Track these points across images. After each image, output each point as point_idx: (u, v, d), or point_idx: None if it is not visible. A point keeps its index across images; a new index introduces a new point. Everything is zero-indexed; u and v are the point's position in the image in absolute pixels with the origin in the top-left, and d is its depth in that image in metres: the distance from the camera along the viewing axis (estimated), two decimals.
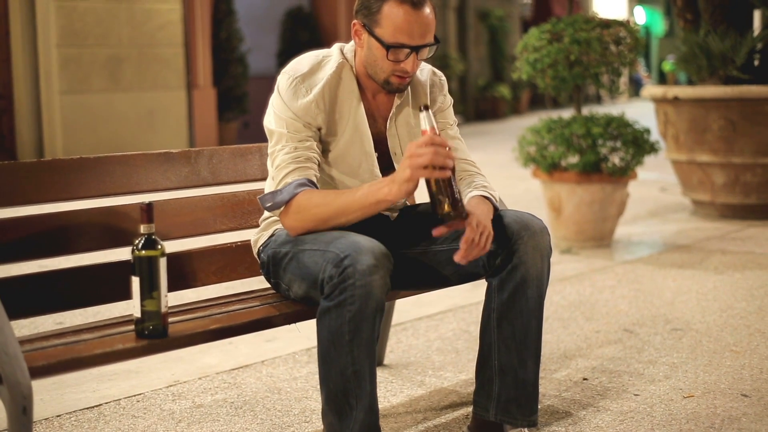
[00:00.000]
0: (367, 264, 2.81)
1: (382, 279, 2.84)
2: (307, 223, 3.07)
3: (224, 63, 15.78)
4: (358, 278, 2.80)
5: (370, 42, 3.18)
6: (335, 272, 2.83)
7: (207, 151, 3.64)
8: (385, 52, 3.13)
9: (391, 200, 2.95)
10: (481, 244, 3.02)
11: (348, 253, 2.84)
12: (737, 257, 6.90)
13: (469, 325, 5.11)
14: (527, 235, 3.18)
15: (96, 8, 13.44)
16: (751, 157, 8.46)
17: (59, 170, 3.24)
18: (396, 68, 3.17)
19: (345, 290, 2.81)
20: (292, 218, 3.08)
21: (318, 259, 2.94)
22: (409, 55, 3.14)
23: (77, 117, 13.26)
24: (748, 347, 4.64)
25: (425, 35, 3.14)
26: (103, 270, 3.28)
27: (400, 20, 3.08)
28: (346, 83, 3.29)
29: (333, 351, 2.89)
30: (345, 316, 2.82)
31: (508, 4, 31.42)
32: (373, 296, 2.82)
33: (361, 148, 3.30)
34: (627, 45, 7.33)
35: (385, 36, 3.11)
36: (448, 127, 3.51)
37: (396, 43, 3.11)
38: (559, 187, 7.41)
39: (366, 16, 3.17)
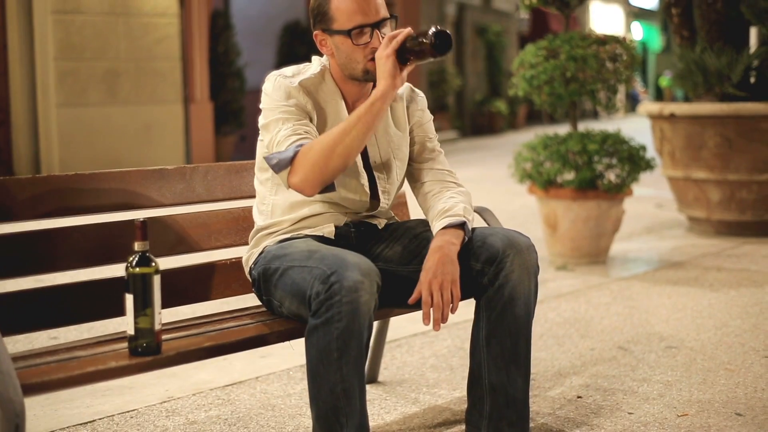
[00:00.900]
0: (354, 280, 2.81)
1: (369, 295, 2.84)
2: (315, 163, 3.05)
3: (221, 77, 15.80)
4: (344, 294, 2.80)
5: (335, 42, 3.26)
6: (322, 289, 2.83)
7: (202, 168, 3.64)
8: (350, 41, 3.21)
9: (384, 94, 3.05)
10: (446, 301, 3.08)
11: (334, 269, 2.85)
12: (732, 274, 6.90)
13: (463, 342, 5.10)
14: (513, 253, 3.18)
15: (94, 22, 13.46)
16: (746, 174, 8.47)
17: (55, 186, 3.24)
18: (367, 52, 3.22)
19: (332, 307, 2.81)
20: (298, 170, 3.08)
21: (306, 275, 2.94)
22: (372, 34, 3.21)
23: (74, 130, 13.26)
24: (742, 365, 4.64)
25: (379, 10, 3.24)
26: (98, 286, 3.28)
27: (349, 4, 3.20)
28: (329, 85, 3.34)
29: (322, 369, 2.89)
30: (333, 333, 2.82)
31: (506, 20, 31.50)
32: (360, 312, 2.82)
33: None
34: (623, 62, 7.34)
35: (343, 26, 3.21)
36: (427, 141, 3.54)
37: (355, 26, 3.20)
38: (554, 204, 7.41)
39: (321, 22, 3.27)
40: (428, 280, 3.09)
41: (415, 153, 3.52)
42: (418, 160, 3.52)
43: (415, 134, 3.52)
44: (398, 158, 3.45)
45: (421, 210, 3.49)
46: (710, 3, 8.84)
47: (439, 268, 3.10)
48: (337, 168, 3.08)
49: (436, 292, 3.07)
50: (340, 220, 3.37)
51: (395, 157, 3.44)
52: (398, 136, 3.45)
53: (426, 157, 3.51)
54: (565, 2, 7.50)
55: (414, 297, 3.13)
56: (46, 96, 13.04)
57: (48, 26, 12.96)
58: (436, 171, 3.49)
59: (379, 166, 3.41)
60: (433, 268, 3.11)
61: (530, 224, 9.62)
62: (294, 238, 3.29)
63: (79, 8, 13.27)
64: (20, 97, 12.99)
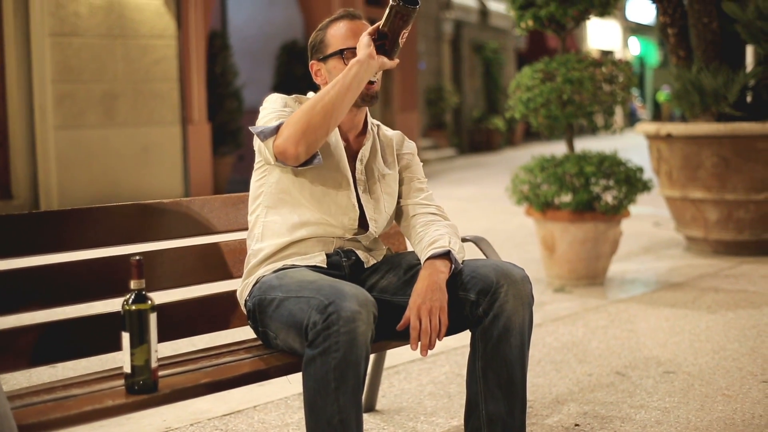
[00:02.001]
0: (351, 310, 2.83)
1: (366, 325, 2.86)
2: (297, 121, 3.17)
3: (219, 98, 15.81)
4: (342, 325, 2.82)
5: (329, 67, 3.45)
6: (319, 319, 2.85)
7: (199, 201, 3.65)
8: (342, 61, 3.39)
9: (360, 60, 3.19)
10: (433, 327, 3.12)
11: (332, 299, 2.87)
12: (730, 296, 6.91)
13: (461, 368, 5.10)
14: (508, 283, 3.20)
15: (91, 44, 13.47)
16: (744, 194, 8.48)
17: (51, 222, 3.25)
18: None
19: (329, 337, 2.82)
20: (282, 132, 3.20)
21: (303, 306, 2.96)
22: None
23: (72, 152, 13.26)
24: (740, 391, 4.65)
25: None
26: (96, 321, 3.29)
27: (344, 30, 3.44)
28: None
29: (319, 400, 2.89)
30: (330, 363, 2.83)
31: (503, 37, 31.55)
32: (358, 343, 2.84)
33: (338, 171, 3.41)
34: (619, 84, 7.36)
35: (337, 47, 3.43)
36: (416, 181, 3.64)
37: (348, 47, 3.39)
38: (552, 226, 7.42)
39: (317, 51, 3.50)
40: (417, 306, 3.13)
41: (403, 192, 3.61)
42: (406, 198, 3.61)
43: (404, 175, 3.64)
44: (386, 192, 3.54)
45: (411, 246, 3.54)
46: (706, 23, 8.86)
47: (428, 294, 3.14)
48: (318, 126, 3.17)
49: (424, 318, 3.11)
50: (329, 246, 3.40)
51: (383, 191, 3.53)
52: (387, 173, 3.54)
53: (414, 195, 3.61)
54: (561, 25, 7.52)
55: (402, 323, 3.17)
56: (43, 118, 13.04)
57: (45, 49, 12.96)
58: (423, 206, 3.58)
59: (366, 196, 3.48)
60: (422, 294, 3.15)
61: (528, 245, 9.64)
62: (287, 267, 3.31)
63: (77, 31, 13.28)
64: (18, 120, 12.99)
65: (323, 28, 3.48)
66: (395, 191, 3.57)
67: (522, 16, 7.51)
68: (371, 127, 3.57)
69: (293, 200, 3.37)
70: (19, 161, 13.05)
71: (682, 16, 9.18)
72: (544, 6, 7.32)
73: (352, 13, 3.48)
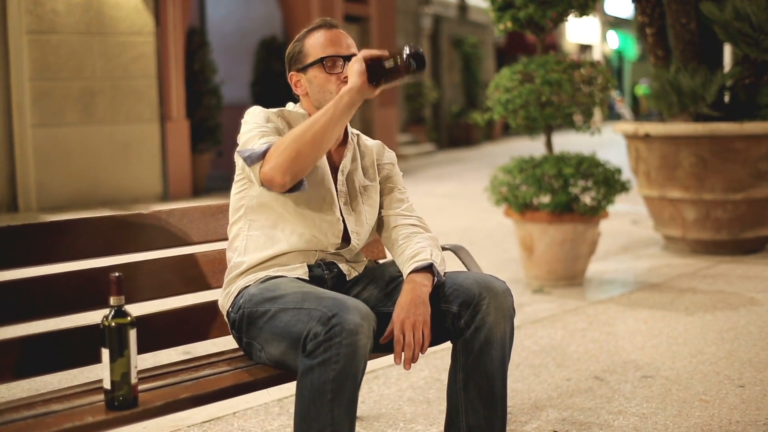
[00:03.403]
0: (354, 323, 2.84)
1: (367, 338, 2.87)
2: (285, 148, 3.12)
3: (198, 94, 15.77)
4: (345, 337, 2.82)
5: (309, 77, 3.44)
6: (321, 330, 2.84)
7: (178, 212, 3.65)
8: (323, 70, 3.39)
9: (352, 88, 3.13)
10: (417, 341, 3.12)
11: (335, 311, 2.87)
12: (708, 297, 6.94)
13: (440, 373, 5.12)
14: (490, 296, 3.21)
15: (69, 41, 13.43)
16: (721, 194, 8.53)
17: (30, 235, 3.24)
18: (339, 81, 3.37)
19: (330, 348, 2.82)
20: (270, 159, 3.14)
21: (302, 317, 2.95)
22: (344, 65, 3.39)
23: (50, 150, 13.23)
24: (717, 396, 4.67)
25: (350, 47, 3.46)
26: (76, 334, 3.28)
27: (322, 39, 3.43)
28: (301, 120, 3.44)
29: (313, 410, 2.88)
30: (329, 374, 2.83)
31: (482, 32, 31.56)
32: (358, 355, 2.84)
33: (322, 185, 3.40)
34: (598, 85, 7.39)
35: (316, 56, 3.41)
36: (397, 191, 3.64)
37: (327, 55, 3.39)
38: (531, 227, 7.45)
39: (296, 62, 3.48)
40: (401, 320, 3.13)
41: (384, 202, 3.61)
42: (387, 208, 3.60)
43: (385, 186, 3.63)
44: (368, 204, 3.53)
45: (392, 257, 3.54)
46: (684, 23, 8.89)
47: (411, 308, 3.15)
48: (307, 155, 3.13)
49: (408, 332, 3.11)
50: (311, 258, 3.40)
51: (364, 203, 3.52)
52: (368, 185, 3.54)
53: (395, 206, 3.60)
54: (540, 26, 7.53)
55: (386, 336, 3.17)
56: (21, 116, 13.00)
57: (23, 46, 12.92)
58: (404, 217, 3.58)
59: (347, 209, 3.47)
60: (405, 308, 3.16)
61: (507, 243, 9.67)
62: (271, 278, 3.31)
63: (55, 28, 13.24)
64: None
65: (300, 39, 3.46)
66: (376, 202, 3.57)
67: (501, 18, 7.52)
68: (351, 137, 3.57)
69: (275, 214, 3.36)
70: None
71: (661, 16, 9.22)
72: (523, 8, 7.33)
73: (329, 22, 3.47)
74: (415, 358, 3.12)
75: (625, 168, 8.81)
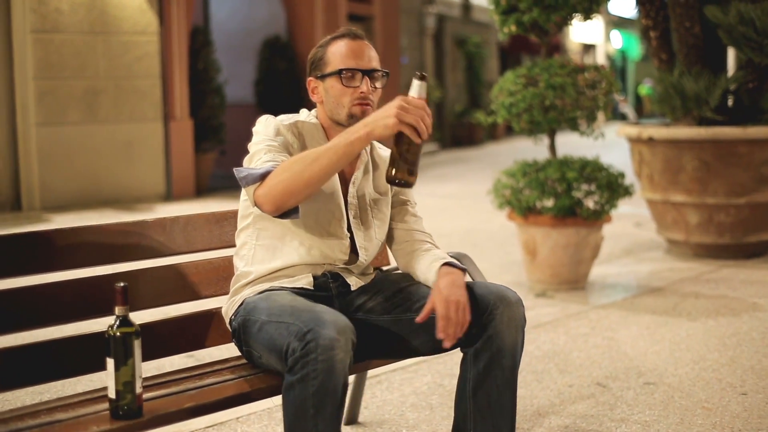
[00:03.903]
0: (329, 338, 2.83)
1: (344, 353, 2.85)
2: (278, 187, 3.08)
3: (201, 94, 15.77)
4: (320, 353, 2.81)
5: (326, 86, 3.40)
6: (298, 346, 2.85)
7: (182, 219, 3.66)
8: (339, 82, 3.35)
9: (365, 138, 2.99)
10: (458, 320, 3.08)
11: (310, 326, 2.86)
12: (710, 301, 6.94)
13: (443, 378, 5.13)
14: (503, 306, 3.21)
15: (73, 40, 13.44)
16: (724, 198, 8.53)
17: (34, 243, 3.25)
18: (354, 95, 3.35)
19: (307, 365, 2.82)
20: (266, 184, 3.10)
21: (283, 331, 2.97)
22: (362, 79, 3.35)
23: (54, 149, 13.24)
24: (719, 403, 4.68)
25: (371, 61, 3.40)
26: (80, 342, 3.29)
27: (344, 49, 3.37)
28: (318, 132, 3.45)
29: (298, 426, 2.89)
30: (308, 390, 2.83)
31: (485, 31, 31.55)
32: (336, 370, 2.83)
33: (332, 200, 3.40)
34: (602, 89, 7.39)
35: (336, 67, 3.37)
36: (408, 204, 3.65)
37: (346, 67, 3.33)
38: (534, 231, 7.45)
39: (316, 68, 3.44)
40: (444, 297, 3.12)
41: (395, 215, 3.60)
42: (398, 221, 3.60)
43: (396, 198, 3.62)
44: (377, 218, 3.52)
45: (402, 270, 3.56)
46: (688, 27, 8.89)
47: (453, 289, 3.16)
48: (298, 193, 3.09)
49: (452, 308, 3.10)
50: (317, 269, 3.41)
51: (374, 217, 3.51)
52: (379, 198, 3.52)
53: (406, 219, 3.60)
54: (544, 30, 7.53)
55: (424, 315, 3.16)
56: (25, 115, 13.00)
57: (27, 45, 12.93)
58: (415, 232, 3.58)
59: (357, 223, 3.46)
60: (448, 288, 3.16)
61: (510, 245, 9.67)
62: (273, 289, 3.32)
63: (58, 27, 13.25)
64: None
65: (324, 45, 3.44)
66: (387, 216, 3.57)
67: (505, 21, 7.52)
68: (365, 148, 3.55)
69: (284, 226, 3.36)
70: (0, 159, 13.02)
71: (665, 20, 9.22)
72: (527, 11, 7.32)
73: (354, 32, 3.43)
74: (457, 335, 3.12)
75: (629, 171, 8.81)
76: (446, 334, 3.10)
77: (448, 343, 3.12)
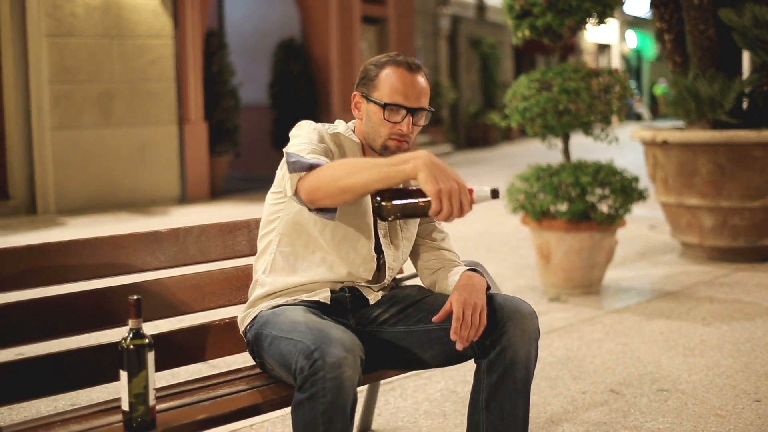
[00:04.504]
0: (337, 356, 2.83)
1: (352, 370, 2.86)
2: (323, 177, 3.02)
3: (216, 96, 15.81)
4: (328, 371, 2.81)
5: (369, 109, 3.34)
6: (306, 364, 2.85)
7: (196, 229, 3.66)
8: (382, 113, 3.29)
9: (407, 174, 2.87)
10: (474, 323, 3.10)
11: (318, 345, 2.87)
12: (725, 306, 6.93)
13: (456, 385, 5.13)
14: (517, 317, 3.22)
15: (88, 44, 13.48)
16: (739, 201, 8.52)
17: (48, 254, 3.26)
18: (393, 130, 3.30)
19: (315, 383, 2.83)
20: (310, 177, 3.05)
21: (292, 348, 2.97)
22: (405, 117, 3.29)
23: (69, 153, 13.29)
24: (733, 410, 4.67)
25: (420, 99, 3.31)
26: (95, 352, 3.30)
27: (396, 81, 3.29)
28: (355, 149, 3.41)
29: None
30: (318, 408, 2.84)
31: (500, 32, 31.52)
32: (344, 388, 2.84)
33: (362, 218, 3.38)
34: (616, 94, 7.38)
35: (382, 97, 3.30)
36: (435, 221, 3.61)
37: (392, 103, 3.27)
38: (548, 235, 7.45)
39: (365, 85, 3.36)
40: (462, 299, 3.14)
41: (421, 230, 3.60)
42: (424, 237, 3.60)
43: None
44: (405, 237, 3.53)
45: (424, 284, 3.57)
46: (702, 30, 8.88)
47: (473, 292, 3.18)
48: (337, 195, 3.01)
49: (467, 311, 3.12)
50: (337, 285, 3.41)
51: (403, 236, 3.52)
52: None
53: (433, 236, 3.60)
54: (558, 34, 7.53)
55: (441, 315, 3.17)
56: (40, 119, 13.05)
57: (42, 49, 12.98)
58: (443, 251, 3.58)
59: (387, 242, 3.47)
60: (468, 290, 3.19)
61: (523, 248, 9.67)
62: (288, 303, 3.33)
63: (73, 31, 13.29)
64: (15, 121, 13.02)
65: (380, 65, 3.35)
66: (414, 234, 3.57)
67: (519, 26, 7.52)
68: None
69: (309, 237, 3.35)
70: (16, 162, 13.08)
71: (679, 23, 9.21)
72: (541, 16, 7.32)
73: (412, 63, 3.35)
74: (471, 338, 3.13)
75: (643, 173, 8.80)
76: (459, 336, 3.11)
77: (460, 345, 3.12)
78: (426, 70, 3.41)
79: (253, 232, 3.75)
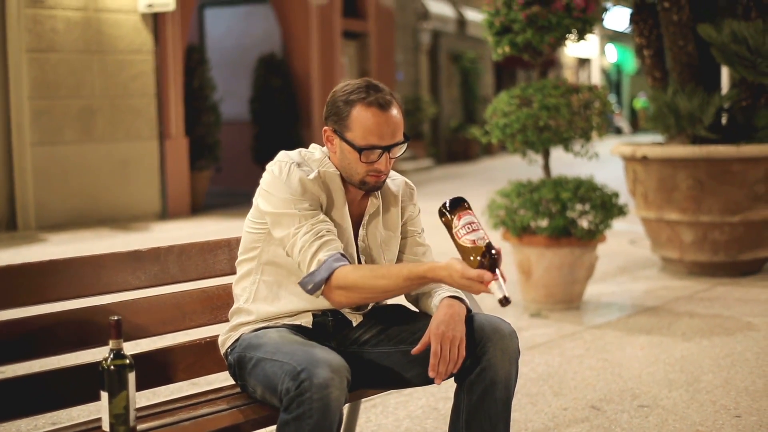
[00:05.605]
0: (324, 377, 2.84)
1: (339, 391, 2.87)
2: (353, 299, 3.19)
3: (196, 112, 15.80)
4: (315, 392, 2.83)
5: (342, 146, 3.29)
6: (292, 385, 2.86)
7: (176, 248, 3.66)
8: (357, 155, 3.25)
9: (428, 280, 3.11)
10: (452, 357, 3.13)
11: (304, 366, 2.88)
12: (705, 321, 6.95)
13: (437, 402, 5.14)
14: (497, 338, 3.23)
15: (68, 60, 13.46)
16: (719, 216, 8.55)
17: (29, 274, 3.25)
18: (370, 169, 3.28)
19: (302, 404, 2.84)
20: (336, 293, 3.17)
21: (277, 370, 2.98)
22: (381, 155, 3.26)
23: (49, 168, 13.24)
24: (713, 426, 4.69)
25: (395, 134, 3.27)
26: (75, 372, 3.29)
27: (370, 123, 3.22)
28: (335, 179, 3.38)
29: None
30: (304, 428, 2.84)
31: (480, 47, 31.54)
32: (331, 409, 2.85)
33: (346, 250, 3.36)
34: (596, 110, 7.41)
35: (356, 140, 3.24)
36: (416, 235, 3.61)
37: (367, 146, 3.23)
38: (528, 251, 7.47)
39: (336, 122, 3.29)
40: (440, 332, 3.15)
41: (403, 246, 3.60)
42: (406, 252, 3.59)
43: (406, 229, 3.60)
44: (387, 258, 3.52)
45: (407, 299, 3.57)
46: (682, 45, 8.93)
47: (451, 323, 3.18)
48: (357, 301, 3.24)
49: (445, 346, 3.13)
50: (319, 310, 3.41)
51: (385, 257, 3.51)
52: (389, 236, 3.52)
53: (415, 251, 3.59)
54: (537, 51, 7.56)
55: (420, 347, 3.19)
56: (20, 135, 13.00)
57: (22, 65, 12.94)
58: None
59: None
60: (445, 321, 3.18)
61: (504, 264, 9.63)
62: (270, 327, 3.33)
63: (54, 47, 13.26)
64: None
65: (350, 103, 3.25)
66: (395, 254, 3.56)
67: (499, 42, 7.54)
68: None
69: (292, 267, 3.32)
70: None
71: (658, 38, 9.27)
72: (521, 32, 7.35)
73: (383, 100, 3.25)
74: (449, 371, 3.15)
75: (623, 187, 8.83)
76: (437, 373, 3.13)
77: (439, 380, 3.15)
78: (397, 97, 3.34)
79: (233, 251, 3.73)
